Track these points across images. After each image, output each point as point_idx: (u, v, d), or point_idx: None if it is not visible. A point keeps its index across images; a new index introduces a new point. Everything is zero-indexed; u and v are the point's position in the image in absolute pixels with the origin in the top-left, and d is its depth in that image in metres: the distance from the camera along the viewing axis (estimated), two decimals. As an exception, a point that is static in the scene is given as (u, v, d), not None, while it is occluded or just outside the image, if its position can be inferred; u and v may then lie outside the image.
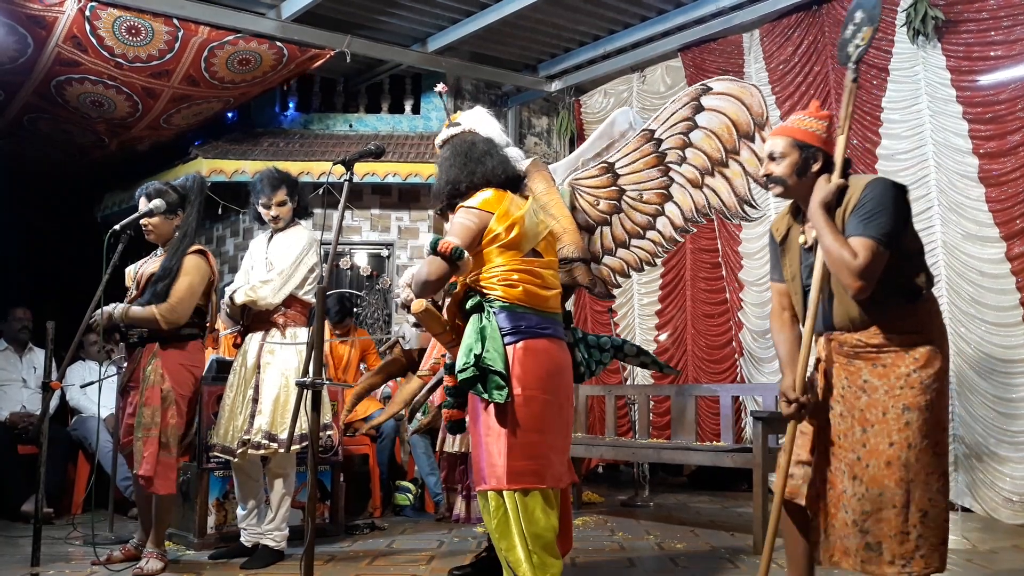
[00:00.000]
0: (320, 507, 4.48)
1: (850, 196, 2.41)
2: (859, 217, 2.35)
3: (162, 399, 3.57)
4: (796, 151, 2.49)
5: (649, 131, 3.38)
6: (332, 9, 6.12)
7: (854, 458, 2.41)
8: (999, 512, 4.86)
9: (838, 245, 2.32)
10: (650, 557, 3.95)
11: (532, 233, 2.66)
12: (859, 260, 2.29)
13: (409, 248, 7.06)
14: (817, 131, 2.52)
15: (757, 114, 3.21)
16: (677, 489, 6.75)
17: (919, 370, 2.37)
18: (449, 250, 2.51)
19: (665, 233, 3.44)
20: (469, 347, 2.54)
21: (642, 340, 7.21)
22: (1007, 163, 5.02)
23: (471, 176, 2.74)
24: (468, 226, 2.61)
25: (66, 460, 5.28)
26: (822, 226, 2.38)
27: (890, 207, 2.34)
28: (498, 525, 2.54)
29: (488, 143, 2.84)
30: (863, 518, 2.36)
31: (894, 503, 2.32)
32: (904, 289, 2.40)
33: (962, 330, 5.11)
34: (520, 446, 2.51)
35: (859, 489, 2.38)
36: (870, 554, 2.34)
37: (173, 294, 3.59)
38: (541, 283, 2.65)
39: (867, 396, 2.41)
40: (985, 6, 5.14)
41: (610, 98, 7.49)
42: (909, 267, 2.41)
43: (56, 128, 6.60)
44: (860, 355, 2.44)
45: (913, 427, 2.34)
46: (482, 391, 2.52)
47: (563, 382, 2.68)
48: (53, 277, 7.09)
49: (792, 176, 2.49)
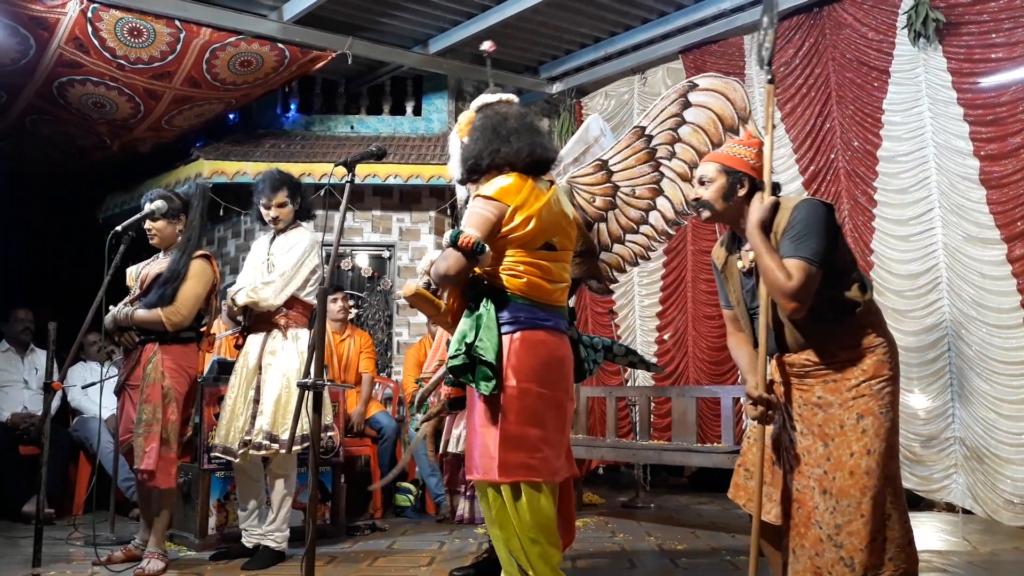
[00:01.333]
0: (321, 508, 4.49)
1: (780, 218, 2.47)
2: (789, 238, 2.39)
3: (163, 396, 3.63)
4: (723, 176, 2.56)
5: (640, 127, 3.45)
6: (334, 11, 6.13)
7: (821, 472, 2.43)
8: (1000, 514, 4.86)
9: (774, 266, 2.36)
10: (651, 559, 3.95)
11: (551, 225, 2.59)
12: (793, 282, 2.33)
13: (410, 249, 7.06)
14: (745, 157, 2.58)
15: (740, 108, 3.30)
16: (678, 491, 6.75)
17: (868, 380, 2.42)
18: (470, 244, 2.44)
19: (657, 227, 3.51)
20: (463, 334, 2.51)
21: (643, 341, 7.21)
22: (1008, 165, 5.02)
23: (493, 155, 2.62)
24: (488, 217, 2.52)
25: (67, 461, 5.28)
26: (758, 245, 2.43)
27: (817, 227, 2.38)
28: (496, 515, 2.53)
29: (520, 119, 2.70)
30: (836, 532, 2.37)
31: (861, 512, 2.35)
32: (840, 305, 2.44)
33: (963, 332, 5.11)
34: (514, 438, 2.47)
35: (830, 503, 2.40)
36: (844, 569, 2.35)
37: (179, 297, 3.66)
38: (547, 276, 2.59)
39: (823, 412, 2.46)
40: (986, 8, 5.14)
41: (611, 100, 7.49)
42: (842, 283, 2.45)
43: (58, 129, 6.61)
44: (810, 373, 2.49)
45: (870, 433, 2.38)
46: (470, 380, 2.50)
47: (561, 375, 2.61)
48: (54, 278, 7.10)
49: (719, 200, 2.56)
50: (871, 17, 5.67)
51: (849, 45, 5.79)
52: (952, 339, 5.19)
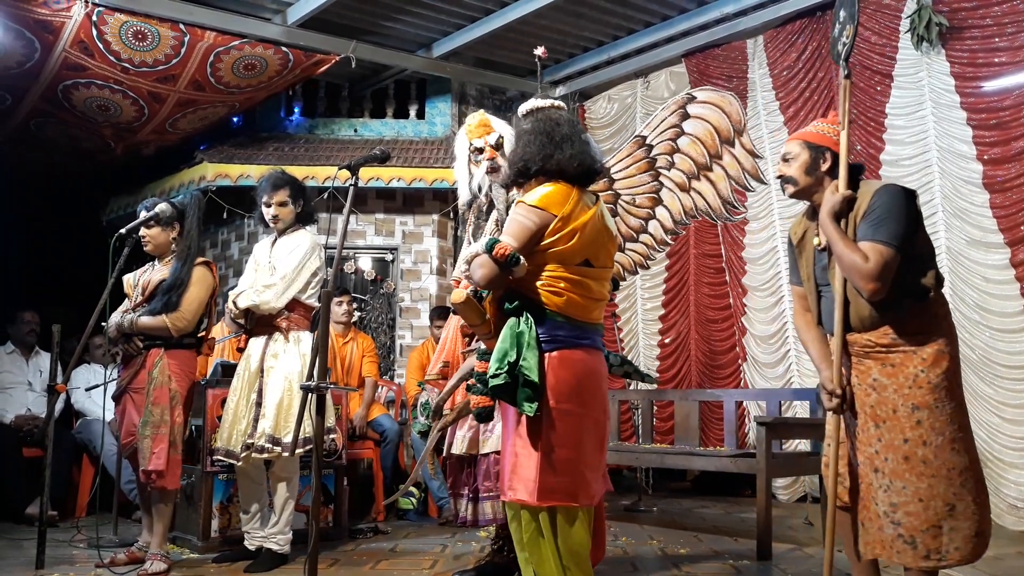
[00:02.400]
0: (324, 511, 4.49)
1: (860, 203, 2.51)
2: (869, 223, 2.46)
3: (170, 398, 3.67)
4: (807, 151, 2.63)
5: (641, 137, 3.52)
6: (337, 15, 6.14)
7: (872, 452, 2.50)
8: (1004, 518, 4.85)
9: (849, 251, 2.43)
10: (653, 562, 3.95)
11: (593, 242, 2.51)
12: (870, 264, 2.40)
13: (413, 252, 7.07)
14: (827, 133, 2.65)
15: (736, 121, 3.42)
16: (680, 494, 6.74)
17: (927, 370, 2.44)
18: (505, 256, 2.37)
19: (656, 236, 3.58)
20: (504, 352, 2.39)
21: (645, 345, 7.22)
22: (1011, 169, 5.01)
23: (546, 160, 2.54)
24: (528, 227, 2.44)
25: (71, 463, 5.30)
26: (832, 233, 2.50)
27: (898, 212, 2.45)
28: (529, 540, 2.45)
29: (572, 126, 2.64)
30: (892, 510, 2.43)
31: (919, 497, 2.40)
32: (913, 290, 2.49)
33: (966, 336, 5.09)
34: (554, 462, 2.39)
35: (883, 481, 2.46)
36: (905, 547, 2.41)
37: (183, 304, 3.70)
38: (587, 294, 2.51)
39: (876, 394, 2.50)
40: (989, 12, 5.14)
41: (614, 103, 7.50)
42: (919, 269, 2.49)
43: (62, 132, 6.63)
44: (870, 355, 2.52)
45: (925, 426, 2.42)
46: (512, 400, 2.41)
47: (598, 393, 2.54)
48: (58, 280, 7.12)
49: (802, 175, 2.63)
50: (874, 21, 5.67)
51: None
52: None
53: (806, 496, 6.01)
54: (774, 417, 4.92)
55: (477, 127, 3.46)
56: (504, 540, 3.46)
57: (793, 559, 3.98)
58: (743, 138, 3.41)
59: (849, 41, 2.70)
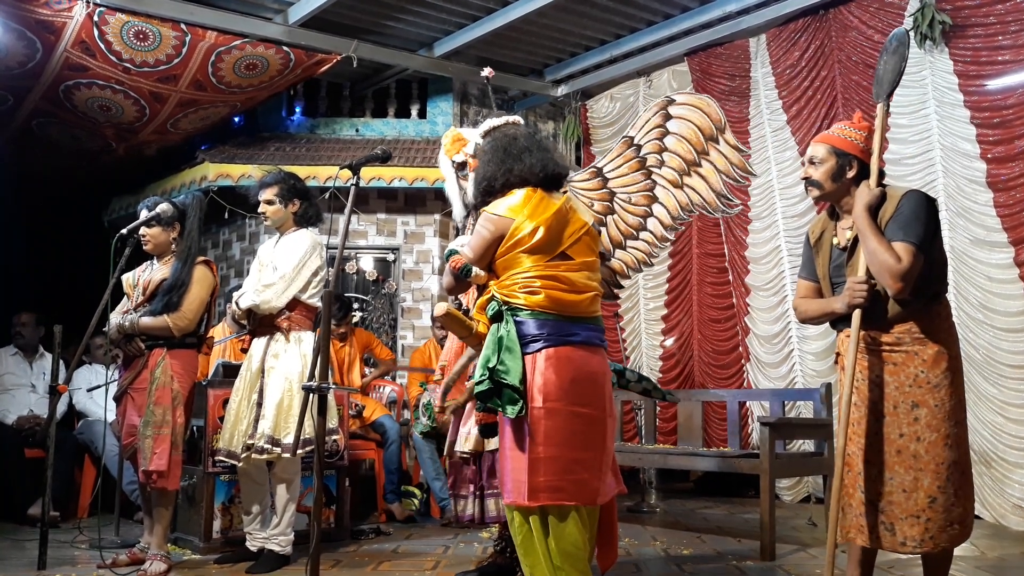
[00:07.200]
0: (326, 512, 4.48)
1: (887, 206, 2.58)
2: (898, 224, 2.53)
3: (172, 399, 3.67)
4: (833, 157, 2.67)
5: (629, 138, 3.62)
6: (339, 14, 6.13)
7: (866, 444, 2.58)
8: (1008, 519, 4.83)
9: (883, 249, 2.49)
10: (657, 563, 3.93)
11: (561, 234, 2.53)
12: (903, 264, 2.46)
13: (415, 252, 7.06)
14: (855, 140, 2.70)
15: (716, 120, 3.54)
16: (683, 495, 6.73)
17: (927, 370, 2.53)
18: (457, 268, 2.51)
19: (656, 233, 3.63)
20: (487, 358, 2.45)
21: (648, 345, 7.20)
22: (1015, 168, 5.00)
23: (507, 174, 2.61)
24: (485, 236, 2.54)
25: (72, 464, 5.29)
26: (865, 228, 2.54)
27: (925, 216, 2.52)
28: (522, 541, 2.45)
29: (529, 138, 2.72)
30: (877, 498, 2.53)
31: (903, 488, 2.50)
32: (925, 294, 2.55)
33: (970, 335, 5.08)
34: (543, 461, 2.39)
35: (872, 471, 2.55)
36: (885, 533, 2.52)
37: (185, 303, 3.70)
38: (568, 287, 2.50)
39: (879, 390, 2.58)
40: (992, 11, 5.12)
41: (616, 103, 7.49)
42: (934, 273, 2.57)
43: (64, 133, 6.63)
44: (874, 351, 2.60)
45: (922, 423, 2.52)
46: (498, 404, 2.44)
47: (594, 390, 2.50)
48: (60, 280, 7.11)
49: (828, 181, 2.68)
50: (877, 19, 5.65)
51: (855, 47, 5.78)
52: (959, 342, 5.16)
53: (810, 497, 5.99)
54: (778, 417, 4.91)
55: (452, 144, 3.51)
56: (507, 540, 3.46)
57: (797, 560, 3.97)
58: (726, 135, 3.53)
59: (894, 78, 2.82)
